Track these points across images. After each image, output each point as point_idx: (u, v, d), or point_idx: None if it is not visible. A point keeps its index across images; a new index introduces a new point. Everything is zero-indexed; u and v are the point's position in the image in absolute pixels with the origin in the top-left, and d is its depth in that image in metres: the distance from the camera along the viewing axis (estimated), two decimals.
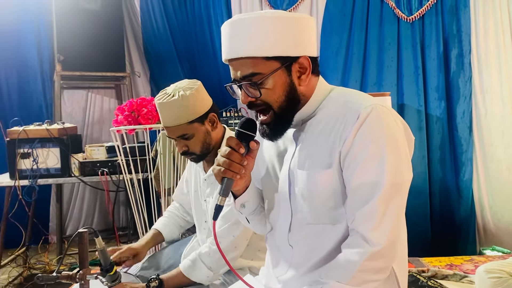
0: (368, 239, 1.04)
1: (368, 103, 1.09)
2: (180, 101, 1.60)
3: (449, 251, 3.18)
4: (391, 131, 1.07)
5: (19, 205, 3.19)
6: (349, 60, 3.57)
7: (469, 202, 3.32)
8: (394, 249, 1.08)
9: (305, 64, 1.13)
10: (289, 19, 1.10)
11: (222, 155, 1.11)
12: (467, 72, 3.33)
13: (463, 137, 3.34)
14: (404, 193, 1.09)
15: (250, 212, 1.28)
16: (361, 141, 1.06)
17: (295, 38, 1.10)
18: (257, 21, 1.08)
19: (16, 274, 3.35)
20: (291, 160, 1.18)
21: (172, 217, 2.03)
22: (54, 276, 1.25)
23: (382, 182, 1.04)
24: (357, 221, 1.06)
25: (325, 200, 1.12)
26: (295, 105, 1.15)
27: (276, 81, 1.11)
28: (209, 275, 1.63)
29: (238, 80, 1.13)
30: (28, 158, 3.03)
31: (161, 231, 1.96)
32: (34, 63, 4.04)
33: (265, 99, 1.12)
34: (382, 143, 1.05)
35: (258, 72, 1.09)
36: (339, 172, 1.10)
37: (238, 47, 1.10)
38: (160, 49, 4.11)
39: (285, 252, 1.21)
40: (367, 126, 1.06)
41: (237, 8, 3.81)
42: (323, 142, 1.12)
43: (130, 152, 2.75)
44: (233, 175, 1.10)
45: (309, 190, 1.12)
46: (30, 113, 3.92)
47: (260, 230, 1.35)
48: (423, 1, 3.38)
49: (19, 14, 3.95)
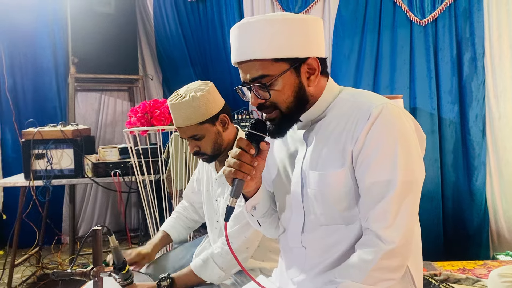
0: (382, 237, 1.04)
1: (379, 102, 1.10)
2: (191, 102, 1.62)
3: (461, 255, 3.15)
4: (403, 129, 1.08)
5: (33, 206, 3.23)
6: (361, 63, 3.56)
7: (482, 207, 3.28)
8: (409, 248, 1.08)
9: (314, 65, 1.13)
10: (297, 20, 1.10)
11: (232, 156, 1.11)
12: (480, 76, 3.30)
13: (475, 141, 3.31)
14: (417, 190, 1.09)
15: (261, 214, 1.28)
16: (373, 140, 1.06)
17: (304, 40, 1.11)
18: (265, 24, 1.09)
19: (29, 274, 3.40)
20: (302, 161, 1.18)
21: (180, 218, 2.04)
22: (69, 272, 1.26)
23: (394, 180, 1.04)
24: (371, 220, 1.06)
25: (338, 201, 1.11)
26: (303, 106, 1.15)
27: (285, 82, 1.11)
28: (220, 275, 1.63)
29: (248, 83, 1.14)
30: (42, 159, 3.07)
31: (169, 232, 1.97)
32: (49, 66, 4.10)
33: (274, 100, 1.13)
34: (393, 141, 1.06)
35: (268, 74, 1.10)
36: (352, 172, 1.10)
37: (247, 50, 1.11)
38: (173, 52, 4.14)
39: (298, 254, 1.21)
40: (378, 124, 1.06)
41: (250, 12, 3.83)
42: (334, 142, 1.12)
43: (142, 153, 2.77)
44: (244, 176, 1.10)
45: (321, 191, 1.12)
46: (44, 115, 3.99)
47: (271, 233, 1.35)
48: (436, 4, 3.37)
49: (35, 18, 4.03)
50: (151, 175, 2.87)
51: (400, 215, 1.05)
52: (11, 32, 3.99)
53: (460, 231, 3.35)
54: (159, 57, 4.26)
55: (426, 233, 3.24)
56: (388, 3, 3.48)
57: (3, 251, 4.00)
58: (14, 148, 4.06)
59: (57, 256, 3.64)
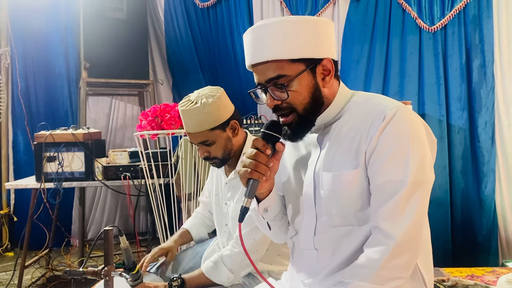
0: (389, 235, 1.04)
1: (393, 104, 1.12)
2: (202, 108, 1.63)
3: (470, 262, 3.13)
4: (415, 132, 1.09)
5: (43, 208, 3.27)
6: (371, 69, 3.58)
7: (492, 214, 3.26)
8: (416, 245, 1.08)
9: (329, 66, 1.15)
10: (311, 22, 1.12)
11: (248, 156, 1.12)
12: (489, 83, 3.30)
13: (485, 147, 3.30)
14: (427, 191, 1.09)
15: (273, 217, 1.29)
16: (386, 140, 1.07)
17: (318, 41, 1.12)
18: (280, 25, 1.11)
19: (39, 275, 3.43)
20: (316, 164, 1.19)
21: (200, 217, 2.08)
22: (81, 271, 1.29)
23: (405, 180, 1.05)
24: (379, 217, 1.07)
25: (352, 201, 1.12)
26: (318, 107, 1.16)
27: (302, 83, 1.12)
28: (230, 277, 1.65)
29: (263, 84, 1.15)
30: (53, 162, 3.11)
31: (189, 230, 2.01)
32: (61, 70, 4.17)
33: (291, 101, 1.14)
34: (406, 143, 1.07)
35: (284, 74, 1.11)
36: (365, 172, 1.11)
37: (263, 51, 1.12)
38: (183, 57, 4.19)
39: (310, 256, 1.21)
40: (392, 125, 1.08)
41: (259, 18, 3.87)
42: (349, 144, 1.13)
43: (152, 157, 2.80)
44: (259, 176, 1.11)
45: (335, 191, 1.13)
46: (56, 118, 4.05)
47: (280, 238, 1.36)
48: (446, 11, 3.38)
49: (48, 23, 4.10)
50: (160, 179, 2.89)
51: (407, 212, 1.05)
52: (25, 36, 4.06)
53: (469, 238, 3.34)
54: (169, 62, 4.31)
55: (435, 239, 3.22)
56: (398, 9, 3.50)
57: (14, 252, 4.05)
58: (25, 150, 4.12)
59: (66, 258, 3.68)
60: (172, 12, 4.14)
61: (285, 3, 3.78)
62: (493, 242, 3.26)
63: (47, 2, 4.06)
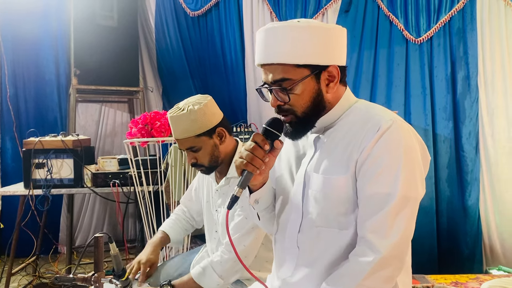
0: (376, 248, 1.07)
1: (390, 117, 1.14)
2: (188, 115, 1.68)
3: (455, 270, 3.18)
4: (408, 146, 1.12)
5: (31, 215, 3.25)
6: (359, 79, 3.64)
7: (476, 222, 3.33)
8: (401, 260, 1.11)
9: (334, 73, 1.18)
10: (321, 29, 1.15)
11: (246, 148, 1.16)
12: (473, 94, 3.38)
13: (469, 157, 3.37)
14: (415, 207, 1.12)
15: (263, 209, 1.33)
16: (378, 152, 1.10)
17: (326, 48, 1.15)
18: (290, 29, 1.13)
19: (26, 283, 3.41)
20: (308, 163, 1.23)
21: (179, 220, 2.08)
22: (71, 277, 1.31)
23: (394, 193, 1.08)
24: (367, 229, 1.09)
25: (336, 205, 1.16)
26: (319, 111, 1.20)
27: (305, 87, 1.16)
28: (219, 283, 1.67)
29: (269, 84, 1.19)
30: (42, 168, 3.10)
31: (168, 233, 2.00)
32: (51, 77, 4.15)
33: (292, 104, 1.17)
34: (398, 156, 1.10)
35: (289, 77, 1.15)
36: (353, 180, 1.14)
37: (271, 53, 1.15)
38: (173, 65, 4.21)
39: (291, 253, 1.25)
40: (386, 138, 1.11)
41: (249, 27, 3.91)
42: (341, 149, 1.17)
43: (142, 164, 2.81)
44: (254, 169, 1.15)
45: (322, 193, 1.17)
46: (45, 125, 4.03)
47: (269, 229, 1.40)
48: (431, 23, 3.46)
49: (38, 29, 4.09)
50: (149, 186, 2.91)
51: (395, 227, 1.08)
52: (15, 42, 4.05)
53: (453, 245, 3.40)
54: (159, 70, 4.33)
55: (420, 247, 3.29)
56: (385, 21, 3.58)
57: (0, 259, 4.01)
58: (13, 157, 4.08)
59: (54, 266, 3.65)
60: (163, 20, 4.17)
61: (275, 13, 3.83)
62: (477, 249, 3.33)
63: (38, 8, 4.05)
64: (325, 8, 3.72)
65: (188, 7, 4.06)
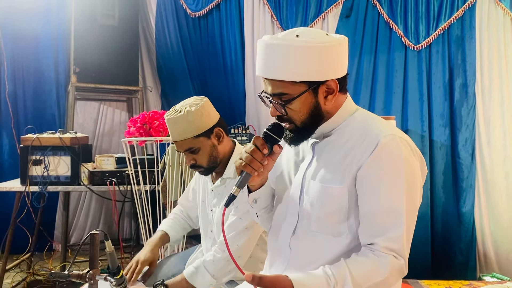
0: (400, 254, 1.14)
1: (389, 132, 1.16)
2: (186, 116, 1.69)
3: (448, 276, 3.20)
4: (408, 163, 1.15)
5: (26, 211, 3.25)
6: (358, 85, 3.66)
7: (470, 228, 3.35)
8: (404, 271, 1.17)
9: (332, 86, 1.20)
10: (319, 47, 1.14)
11: (246, 150, 1.19)
12: (470, 101, 3.40)
13: (465, 164, 3.39)
14: (416, 217, 1.20)
15: (261, 208, 1.36)
16: (379, 169, 1.13)
17: (325, 65, 1.16)
18: (287, 49, 1.14)
19: (19, 279, 3.40)
20: (306, 169, 1.26)
21: (178, 219, 2.09)
22: (66, 274, 1.31)
23: (400, 210, 1.13)
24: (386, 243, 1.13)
25: (331, 213, 1.19)
26: (318, 121, 1.23)
27: (303, 102, 1.19)
28: (212, 282, 1.68)
29: (269, 95, 1.22)
30: (39, 165, 3.10)
31: (167, 232, 2.01)
32: (51, 74, 4.15)
33: (290, 116, 1.21)
34: (400, 172, 1.13)
35: (287, 93, 1.18)
36: (350, 192, 1.17)
37: (270, 70, 1.17)
38: (173, 65, 4.22)
39: (283, 254, 1.27)
40: (384, 155, 1.13)
41: (250, 29, 3.92)
42: (339, 160, 1.19)
43: (139, 163, 2.82)
44: (252, 171, 1.18)
45: (318, 200, 1.20)
46: (43, 122, 4.03)
47: (268, 228, 1.42)
48: (430, 30, 3.49)
49: (39, 26, 4.09)
50: (146, 185, 2.91)
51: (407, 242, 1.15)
52: (15, 39, 4.05)
53: (448, 251, 3.41)
54: (158, 70, 4.34)
55: (414, 252, 3.28)
56: (385, 28, 3.60)
57: None
58: (10, 153, 4.08)
59: (48, 263, 3.65)
60: (164, 21, 4.18)
61: (276, 16, 3.84)
62: (471, 256, 3.35)
63: (39, 6, 4.05)
64: (325, 12, 3.74)
65: (189, 7, 4.08)
